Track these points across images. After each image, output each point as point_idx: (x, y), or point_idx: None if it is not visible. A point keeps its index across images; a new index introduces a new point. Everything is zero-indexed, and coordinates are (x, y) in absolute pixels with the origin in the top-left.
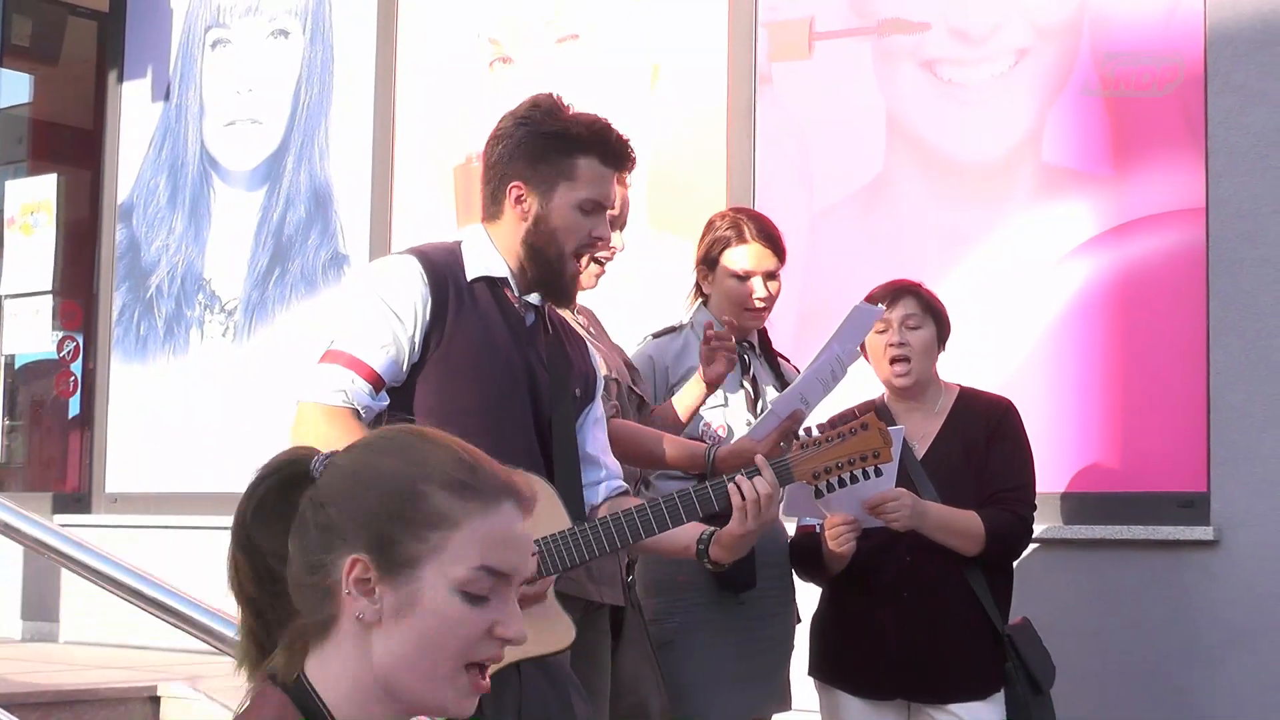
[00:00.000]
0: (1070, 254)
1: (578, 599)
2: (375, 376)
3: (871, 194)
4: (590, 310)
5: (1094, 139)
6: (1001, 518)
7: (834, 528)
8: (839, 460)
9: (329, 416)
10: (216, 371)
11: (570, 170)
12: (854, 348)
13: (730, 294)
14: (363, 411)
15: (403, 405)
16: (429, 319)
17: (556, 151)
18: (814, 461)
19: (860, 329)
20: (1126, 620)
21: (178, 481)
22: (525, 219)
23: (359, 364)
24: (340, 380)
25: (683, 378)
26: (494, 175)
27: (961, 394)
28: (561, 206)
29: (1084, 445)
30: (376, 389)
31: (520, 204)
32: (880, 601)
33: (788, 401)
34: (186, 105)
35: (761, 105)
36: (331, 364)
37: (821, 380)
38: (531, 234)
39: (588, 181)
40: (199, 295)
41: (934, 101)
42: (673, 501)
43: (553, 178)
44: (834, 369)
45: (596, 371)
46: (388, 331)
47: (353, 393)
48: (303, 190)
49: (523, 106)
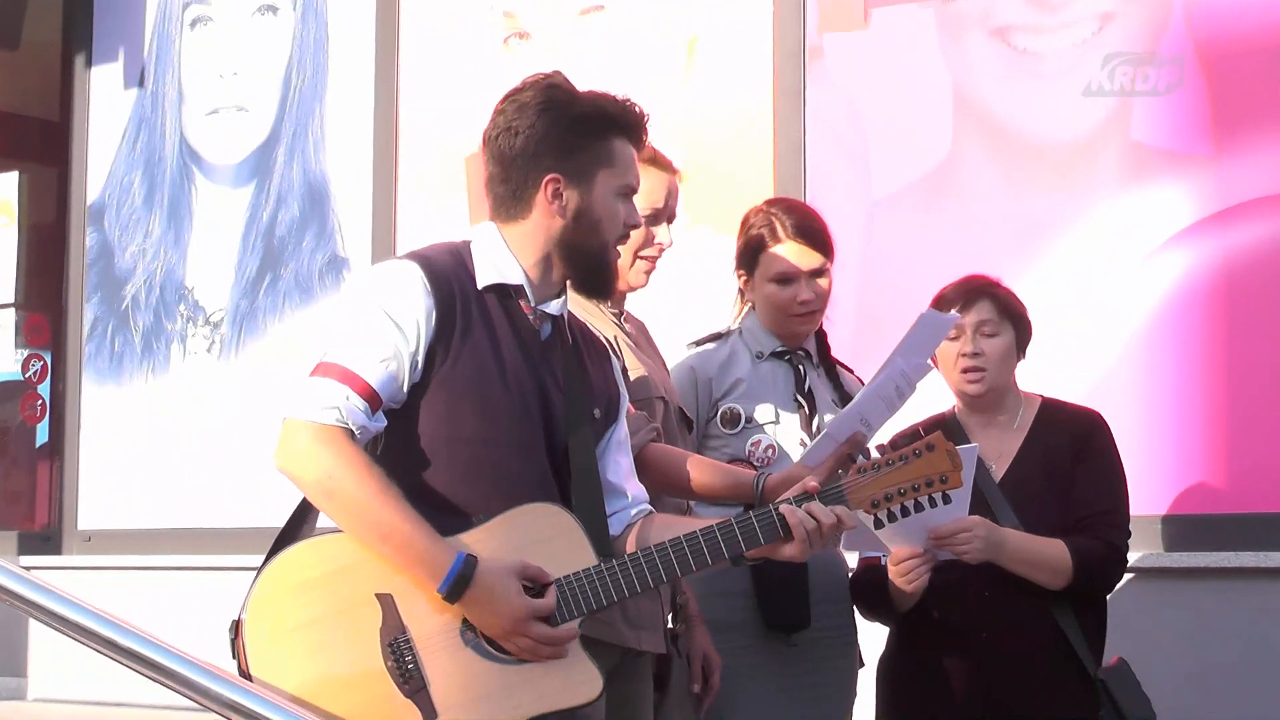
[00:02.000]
0: (1164, 245)
1: (614, 646)
2: (372, 393)
3: (937, 181)
4: (640, 321)
5: (1190, 114)
6: (1091, 546)
7: (901, 563)
8: (901, 486)
9: (319, 437)
10: (201, 392)
11: (608, 155)
12: (923, 361)
13: (771, 300)
14: (358, 432)
15: (403, 430)
16: (433, 334)
17: (591, 136)
18: (872, 488)
19: (929, 340)
20: (1235, 660)
21: (158, 517)
22: (564, 215)
23: (354, 378)
24: (333, 396)
25: (728, 391)
26: (517, 170)
27: (1044, 406)
28: (604, 195)
29: (1184, 462)
30: (373, 407)
31: (558, 199)
32: (955, 643)
33: (846, 423)
34: (163, 92)
35: (812, 82)
36: (324, 378)
37: (885, 398)
38: (572, 230)
39: (624, 165)
40: (180, 306)
41: (1007, 74)
42: (712, 535)
43: (591, 165)
44: (899, 385)
45: (621, 389)
46: (388, 344)
47: (346, 410)
48: (296, 186)
49: (535, 90)
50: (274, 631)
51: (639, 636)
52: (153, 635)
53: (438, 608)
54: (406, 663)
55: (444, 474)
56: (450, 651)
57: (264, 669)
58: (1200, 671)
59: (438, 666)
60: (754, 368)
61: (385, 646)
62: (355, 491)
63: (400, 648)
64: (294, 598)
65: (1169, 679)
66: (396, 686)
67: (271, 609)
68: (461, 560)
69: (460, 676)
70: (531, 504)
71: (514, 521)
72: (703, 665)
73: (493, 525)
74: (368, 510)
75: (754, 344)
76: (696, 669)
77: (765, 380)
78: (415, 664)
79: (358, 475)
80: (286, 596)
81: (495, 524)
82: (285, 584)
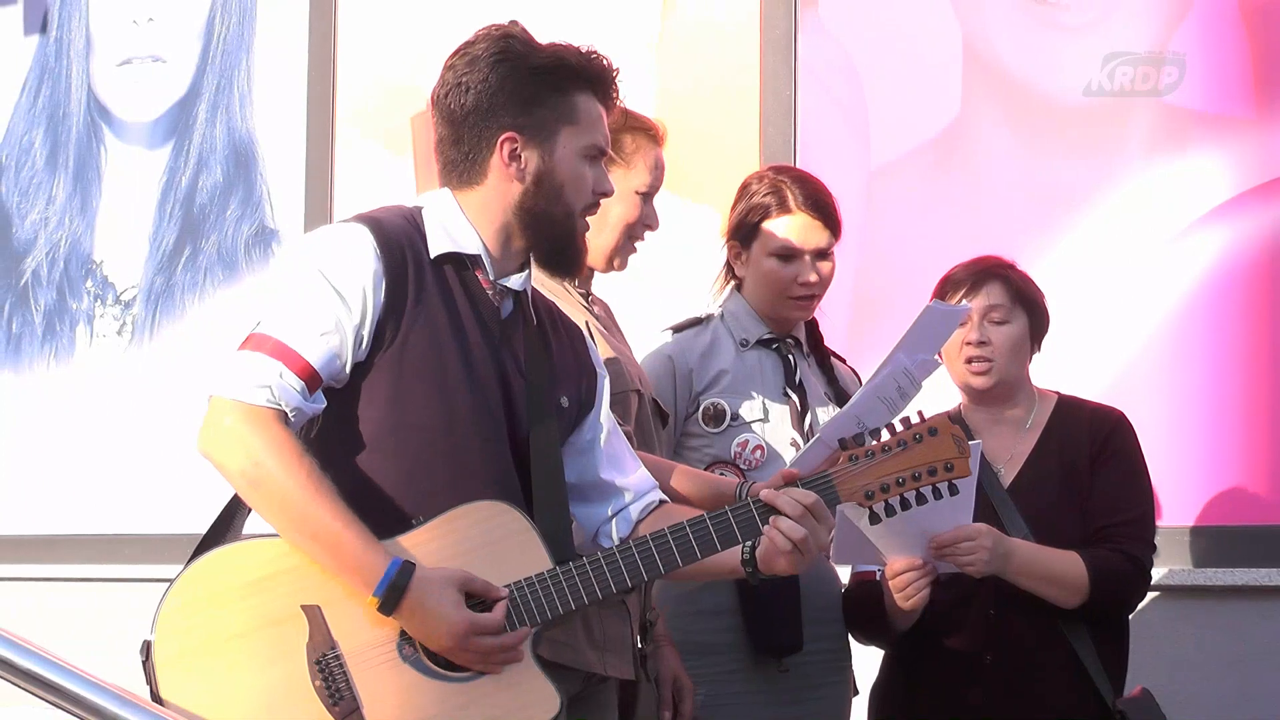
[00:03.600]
0: (1201, 220)
1: (576, 670)
2: (310, 371)
3: (945, 146)
4: (605, 303)
5: (1232, 72)
6: (1111, 559)
7: (899, 575)
8: (900, 475)
9: (248, 418)
10: (110, 379)
11: (570, 111)
12: (929, 357)
13: (769, 277)
14: (292, 415)
15: (342, 414)
16: (382, 307)
17: (551, 89)
18: (866, 476)
19: (938, 334)
20: (1276, 688)
21: (60, 521)
22: (522, 178)
23: (290, 354)
24: (265, 373)
25: (710, 384)
26: (469, 130)
27: (1060, 403)
28: (567, 156)
29: (1217, 467)
30: (311, 387)
31: (516, 161)
32: (957, 668)
33: (841, 426)
34: (69, 39)
35: (803, 33)
36: (255, 352)
37: (884, 398)
38: (532, 196)
39: (590, 123)
40: (87, 282)
41: (1024, 26)
42: (683, 535)
43: (551, 122)
44: (900, 384)
45: (599, 372)
46: (329, 316)
47: (280, 390)
48: (219, 147)
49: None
50: (187, 650)
51: (604, 660)
52: (53, 655)
53: (371, 620)
54: (337, 681)
55: (391, 466)
56: (386, 668)
57: (176, 692)
58: (1236, 703)
59: (372, 685)
60: (739, 357)
61: (313, 664)
62: (283, 482)
63: (330, 665)
64: (209, 611)
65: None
66: (326, 709)
67: (184, 624)
68: (396, 567)
69: (398, 696)
70: (477, 502)
71: (457, 522)
72: (673, 691)
73: (433, 526)
74: (295, 504)
75: (738, 330)
76: (666, 695)
77: (752, 371)
78: (347, 682)
79: (287, 463)
80: (201, 610)
81: (436, 525)
82: (199, 596)
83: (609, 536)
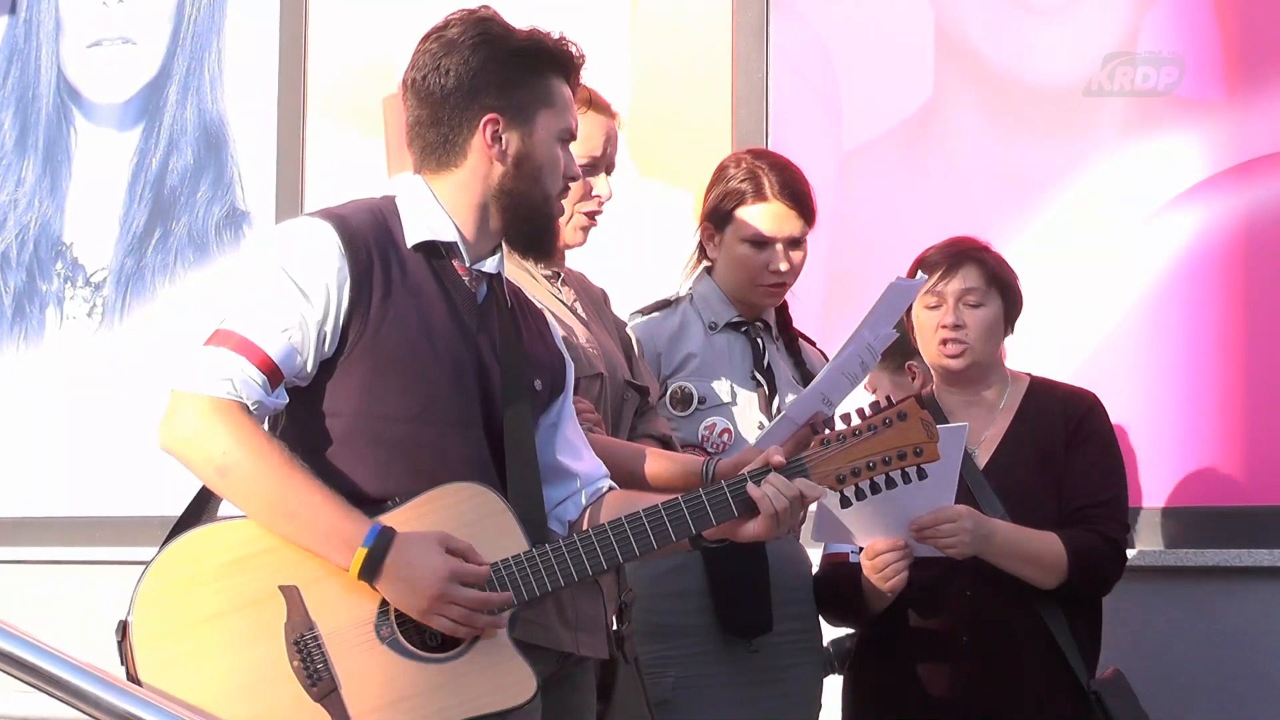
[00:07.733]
0: (1174, 202)
1: (550, 651)
2: (271, 366)
3: (917, 128)
4: (581, 275)
5: (1204, 55)
6: (1086, 540)
7: (878, 556)
8: (870, 459)
9: (211, 410)
10: (80, 361)
11: (547, 94)
12: (888, 330)
13: (741, 263)
14: (253, 408)
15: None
16: (347, 304)
17: (530, 72)
18: (837, 461)
19: (896, 308)
20: (1248, 670)
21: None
22: (503, 160)
23: (251, 348)
24: (227, 367)
25: (678, 367)
26: (449, 112)
27: (1033, 385)
28: (545, 139)
29: (1191, 448)
30: (273, 383)
31: (497, 142)
32: (933, 648)
33: (807, 404)
34: (38, 20)
35: (775, 15)
36: (218, 347)
37: (849, 374)
38: (513, 178)
39: (564, 107)
40: (57, 264)
41: (996, 8)
42: (657, 516)
43: (532, 104)
44: (863, 359)
45: (565, 358)
46: (292, 313)
47: (241, 383)
48: (190, 129)
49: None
50: (164, 631)
51: (578, 640)
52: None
53: (349, 600)
54: (315, 662)
55: (367, 455)
56: (364, 649)
57: (154, 673)
58: (1207, 685)
59: (350, 666)
60: (708, 340)
61: (291, 645)
62: (254, 466)
63: (307, 645)
64: (187, 592)
65: (1170, 692)
66: (304, 689)
67: (161, 605)
68: (377, 531)
69: (376, 677)
70: (454, 484)
71: (434, 504)
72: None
73: (410, 508)
74: (269, 485)
75: (707, 312)
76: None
77: (720, 355)
78: (325, 663)
79: (257, 447)
80: (178, 591)
81: (412, 506)
82: (176, 577)
83: (559, 520)
